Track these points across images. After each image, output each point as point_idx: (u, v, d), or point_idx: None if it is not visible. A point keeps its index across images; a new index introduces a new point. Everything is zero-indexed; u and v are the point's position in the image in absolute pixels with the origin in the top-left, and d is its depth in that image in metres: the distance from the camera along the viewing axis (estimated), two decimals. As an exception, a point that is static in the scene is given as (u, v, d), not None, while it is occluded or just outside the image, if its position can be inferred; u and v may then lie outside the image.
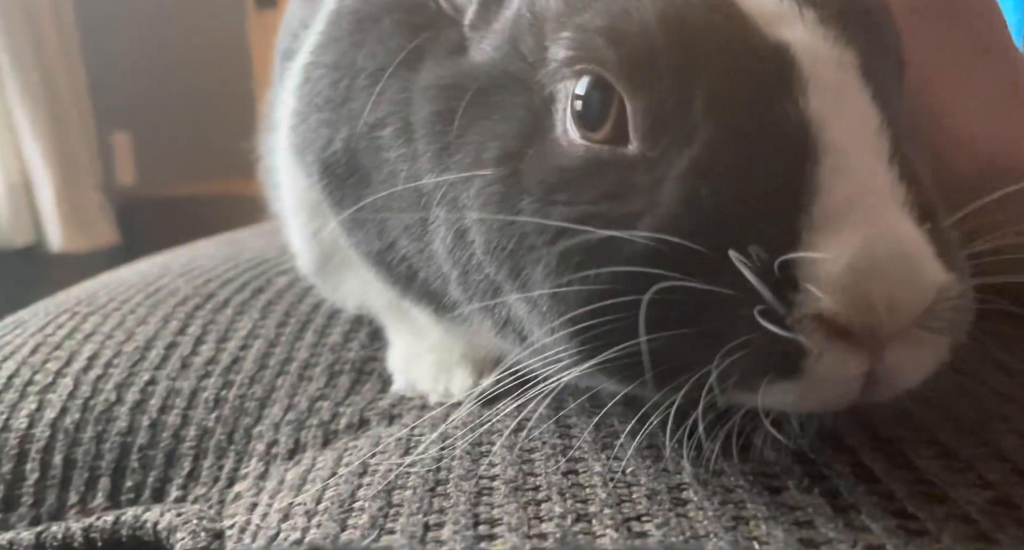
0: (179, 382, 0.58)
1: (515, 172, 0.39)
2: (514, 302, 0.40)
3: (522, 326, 0.41)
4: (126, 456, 0.53)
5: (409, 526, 0.37)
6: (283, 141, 0.57)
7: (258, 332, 0.63)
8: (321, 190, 0.52)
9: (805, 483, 0.37)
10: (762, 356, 0.32)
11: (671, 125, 0.35)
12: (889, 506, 0.34)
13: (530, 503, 0.38)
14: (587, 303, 0.35)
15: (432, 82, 0.43)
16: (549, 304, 0.37)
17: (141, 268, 0.83)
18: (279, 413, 0.55)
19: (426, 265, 0.47)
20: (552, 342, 0.38)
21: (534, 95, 0.39)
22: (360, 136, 0.47)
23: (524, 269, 0.38)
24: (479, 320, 0.46)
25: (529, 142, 0.39)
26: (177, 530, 0.46)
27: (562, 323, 0.36)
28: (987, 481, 0.36)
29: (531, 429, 0.45)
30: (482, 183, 0.39)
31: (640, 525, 0.35)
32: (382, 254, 0.50)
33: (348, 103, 0.48)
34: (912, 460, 0.38)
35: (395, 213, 0.46)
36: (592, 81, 0.36)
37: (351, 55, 0.48)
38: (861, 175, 0.33)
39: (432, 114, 0.42)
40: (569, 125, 0.37)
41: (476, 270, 0.42)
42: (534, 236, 0.37)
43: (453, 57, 0.43)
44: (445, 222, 0.43)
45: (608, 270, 0.34)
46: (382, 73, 0.46)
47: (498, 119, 0.40)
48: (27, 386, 0.57)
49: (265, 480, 0.50)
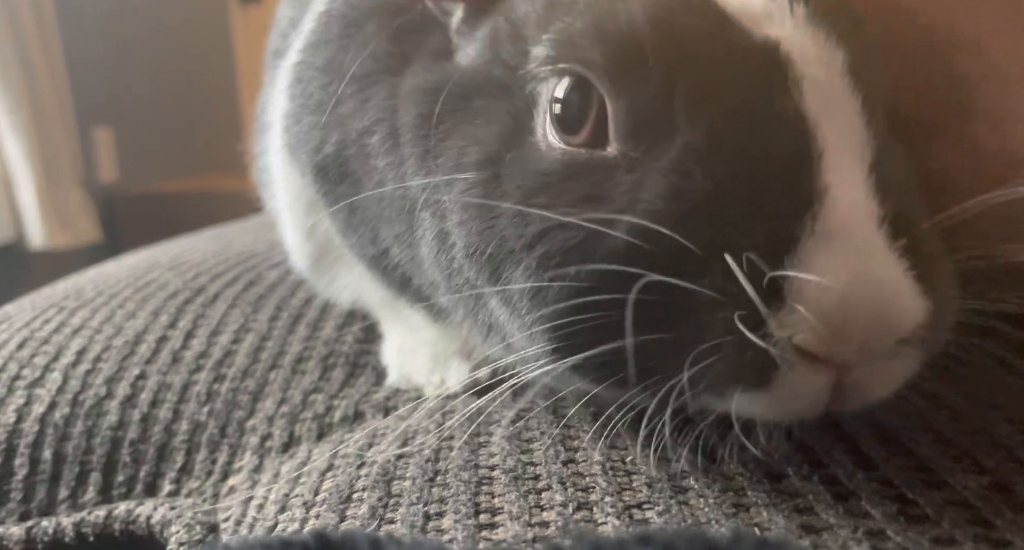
0: (170, 376, 0.57)
1: (495, 176, 0.38)
2: (495, 306, 0.40)
3: (503, 328, 0.41)
4: (117, 450, 0.52)
5: (409, 516, 0.37)
6: (277, 141, 0.57)
7: (250, 326, 0.63)
8: (316, 190, 0.52)
9: (804, 470, 0.37)
10: (734, 363, 0.31)
11: (655, 125, 0.34)
12: (888, 492, 0.35)
13: (530, 492, 0.38)
14: (565, 301, 0.35)
15: (417, 86, 0.43)
16: (528, 305, 0.37)
17: (128, 262, 0.82)
18: (272, 406, 0.54)
19: (418, 272, 0.47)
20: (527, 340, 0.38)
21: (516, 99, 0.39)
22: (350, 142, 0.47)
23: (504, 272, 0.38)
24: (465, 321, 0.46)
25: (509, 146, 0.39)
26: (171, 524, 0.45)
27: (539, 321, 0.36)
28: (983, 467, 0.36)
29: (528, 420, 0.45)
30: (463, 186, 0.39)
31: (641, 513, 0.35)
32: (377, 259, 0.50)
33: (337, 107, 0.48)
34: (910, 447, 0.38)
35: (385, 222, 0.46)
36: (572, 83, 0.36)
37: (339, 59, 0.48)
38: (848, 189, 0.32)
39: (416, 117, 0.42)
40: (548, 129, 0.37)
41: (458, 273, 0.42)
42: (513, 240, 0.37)
43: (439, 61, 0.43)
44: (430, 227, 0.42)
45: (588, 268, 0.34)
46: (367, 79, 0.46)
47: (480, 123, 0.40)
48: (15, 381, 0.56)
49: (260, 473, 0.49)
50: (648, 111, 0.34)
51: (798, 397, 0.32)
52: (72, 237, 2.86)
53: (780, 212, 0.32)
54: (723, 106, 0.34)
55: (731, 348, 0.31)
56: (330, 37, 0.50)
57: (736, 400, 0.33)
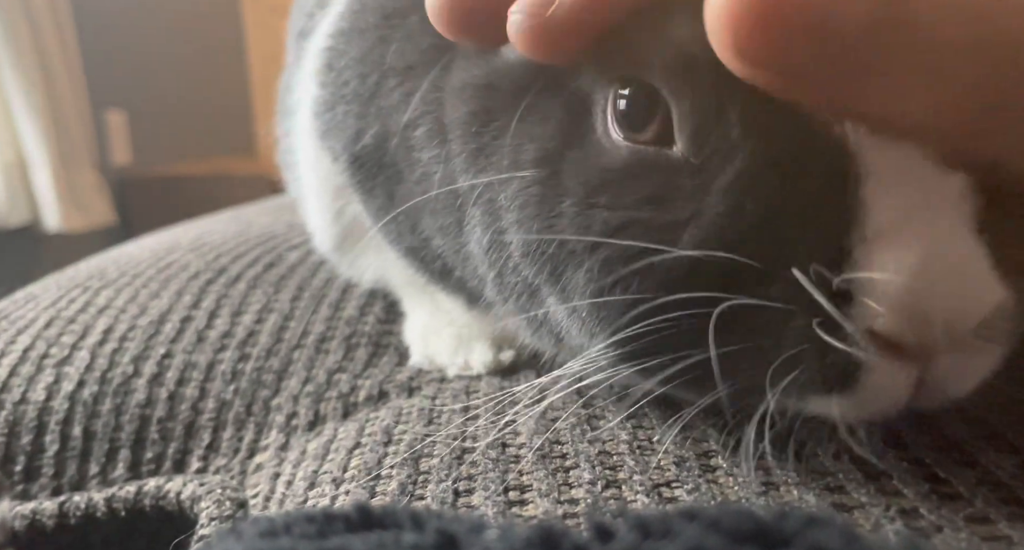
0: (195, 355, 0.58)
1: (554, 173, 0.38)
2: (552, 305, 0.40)
3: (559, 328, 0.41)
4: (145, 428, 0.53)
5: (439, 492, 0.37)
6: (306, 124, 0.56)
7: (272, 306, 0.63)
8: (348, 178, 0.52)
9: (833, 449, 0.37)
10: (815, 368, 0.31)
11: (713, 132, 0.34)
12: (920, 471, 0.35)
13: (558, 470, 0.38)
14: (630, 310, 0.34)
15: (466, 82, 0.42)
16: (590, 309, 0.37)
17: (148, 244, 0.83)
18: (297, 385, 0.55)
19: (462, 264, 0.46)
20: (589, 341, 0.38)
21: (572, 96, 0.38)
22: (392, 134, 0.46)
23: (564, 273, 0.38)
24: (515, 321, 0.46)
25: (568, 144, 0.38)
26: (201, 499, 0.46)
27: (603, 329, 0.36)
28: (1016, 446, 0.36)
29: (553, 401, 0.45)
30: (520, 185, 0.39)
31: (671, 491, 0.35)
32: (415, 250, 0.50)
33: (376, 100, 0.47)
34: (940, 426, 0.38)
35: (429, 214, 0.46)
36: (635, 84, 0.35)
37: (379, 51, 0.47)
38: (913, 186, 0.32)
39: (467, 115, 0.41)
40: (611, 125, 0.36)
41: (513, 272, 0.41)
42: (575, 241, 0.37)
43: (484, 56, 0.42)
44: (481, 223, 0.42)
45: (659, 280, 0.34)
46: (412, 72, 0.45)
47: (534, 121, 0.39)
48: (43, 359, 0.57)
49: (286, 451, 0.50)
50: (706, 118, 0.34)
51: (882, 396, 0.32)
52: (87, 219, 2.88)
53: (839, 219, 0.31)
54: (776, 119, 0.33)
55: (811, 355, 0.31)
56: (366, 26, 0.49)
57: (816, 403, 0.33)
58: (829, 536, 0.22)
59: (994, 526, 0.31)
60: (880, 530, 0.31)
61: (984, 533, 0.30)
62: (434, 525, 0.25)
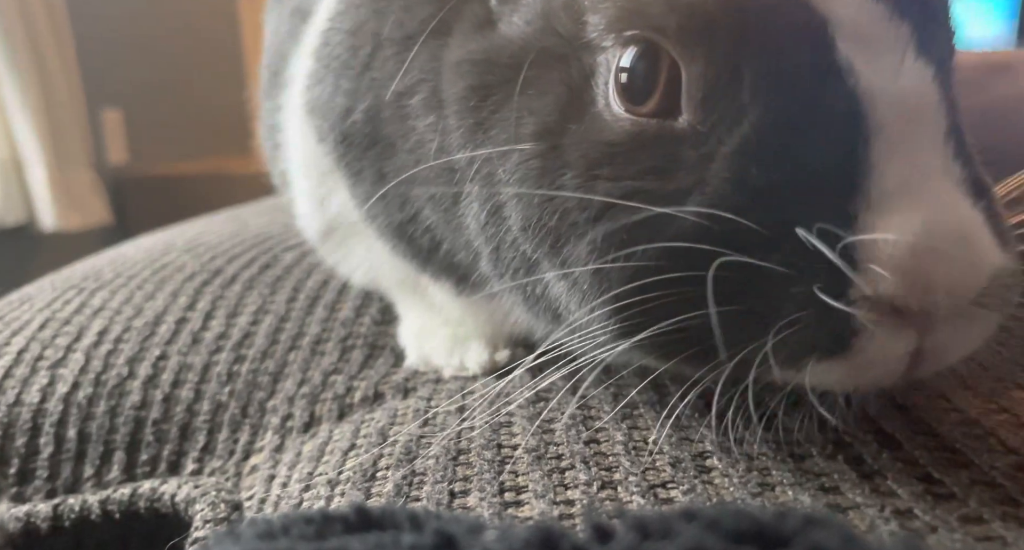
0: (190, 357, 0.57)
1: (555, 147, 0.38)
2: (551, 279, 0.40)
3: (557, 303, 0.41)
4: (140, 430, 0.53)
5: (435, 494, 0.37)
6: (296, 99, 0.56)
7: (268, 307, 0.63)
8: (336, 160, 0.51)
9: (828, 450, 0.37)
10: (813, 333, 0.31)
11: (725, 97, 0.34)
12: (914, 472, 0.35)
13: (554, 471, 0.38)
14: (632, 280, 0.34)
15: (463, 57, 0.42)
16: (591, 282, 0.37)
17: (144, 244, 0.82)
18: (292, 387, 0.55)
19: (452, 236, 0.46)
20: (592, 320, 0.38)
21: (571, 69, 0.38)
22: (385, 105, 0.46)
23: (565, 246, 0.38)
24: (508, 296, 0.45)
25: (569, 117, 0.38)
26: (196, 501, 0.46)
27: (605, 300, 0.36)
28: (1009, 447, 0.36)
29: (549, 400, 0.45)
30: (520, 158, 0.39)
31: (666, 492, 0.35)
32: (403, 226, 0.50)
33: (369, 72, 0.47)
34: (933, 427, 0.38)
35: (420, 183, 0.46)
36: (640, 50, 0.35)
37: (374, 23, 0.47)
38: (917, 154, 0.32)
39: (465, 89, 0.41)
40: (612, 99, 0.36)
41: (511, 246, 0.41)
42: (577, 212, 0.37)
43: (481, 31, 0.42)
44: (479, 197, 0.42)
45: (661, 246, 0.33)
46: (410, 41, 0.45)
47: (534, 95, 0.39)
48: (38, 361, 0.57)
49: (281, 452, 0.50)
50: (718, 81, 0.34)
51: (880, 362, 0.32)
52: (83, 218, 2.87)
53: (845, 185, 0.32)
54: (788, 86, 0.33)
55: (810, 320, 0.31)
56: (360, 1, 0.49)
57: (814, 371, 0.33)
58: (828, 536, 0.22)
59: (988, 526, 0.31)
60: (876, 531, 0.31)
61: (978, 533, 0.30)
62: (433, 526, 0.25)
